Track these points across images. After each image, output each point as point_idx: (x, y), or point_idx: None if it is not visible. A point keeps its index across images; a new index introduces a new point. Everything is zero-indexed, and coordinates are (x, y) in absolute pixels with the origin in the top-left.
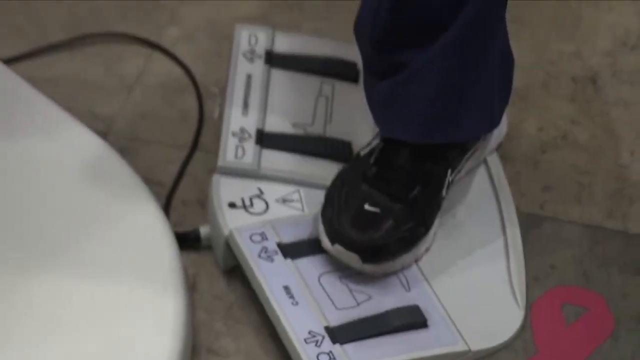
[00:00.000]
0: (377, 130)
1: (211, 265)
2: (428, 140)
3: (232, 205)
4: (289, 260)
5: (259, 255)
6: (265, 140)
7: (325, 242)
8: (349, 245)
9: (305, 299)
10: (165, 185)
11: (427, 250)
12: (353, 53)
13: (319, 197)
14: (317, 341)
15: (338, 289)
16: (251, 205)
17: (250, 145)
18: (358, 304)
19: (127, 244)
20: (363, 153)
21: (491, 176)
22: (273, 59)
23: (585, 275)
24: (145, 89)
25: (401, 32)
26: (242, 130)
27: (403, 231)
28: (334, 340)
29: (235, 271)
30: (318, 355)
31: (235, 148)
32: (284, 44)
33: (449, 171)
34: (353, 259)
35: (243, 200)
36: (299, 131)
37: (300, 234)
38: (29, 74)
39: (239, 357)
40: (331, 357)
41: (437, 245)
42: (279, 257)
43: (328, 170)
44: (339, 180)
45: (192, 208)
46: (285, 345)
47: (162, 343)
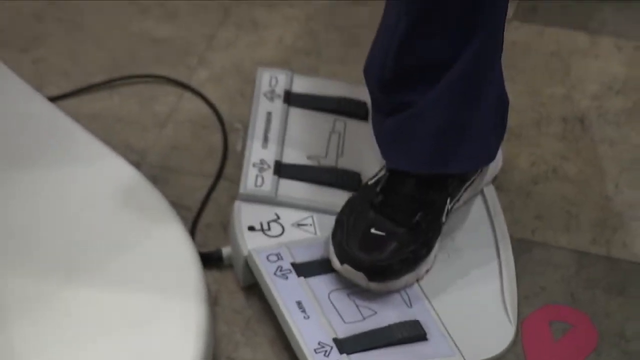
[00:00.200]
0: (384, 162)
1: (232, 282)
2: (430, 171)
3: (252, 228)
4: (301, 278)
5: (275, 274)
6: (283, 170)
7: (335, 262)
8: (357, 265)
9: (316, 313)
10: (192, 210)
11: (428, 271)
12: (363, 94)
13: (330, 222)
14: (326, 351)
15: (346, 304)
16: (269, 228)
17: (269, 175)
18: (364, 318)
19: (156, 262)
20: (370, 183)
21: (487, 205)
22: (291, 99)
23: (572, 296)
24: (176, 124)
25: (406, 75)
26: (262, 162)
27: (406, 253)
28: (342, 351)
29: (254, 288)
30: None
31: (255, 177)
32: (301, 85)
33: (449, 199)
34: (360, 278)
35: (261, 224)
36: (313, 163)
37: (313, 254)
38: (73, 111)
39: None
40: None
41: (437, 266)
42: (293, 276)
43: (339, 198)
44: (348, 207)
45: (216, 231)
46: (297, 355)
47: (187, 351)
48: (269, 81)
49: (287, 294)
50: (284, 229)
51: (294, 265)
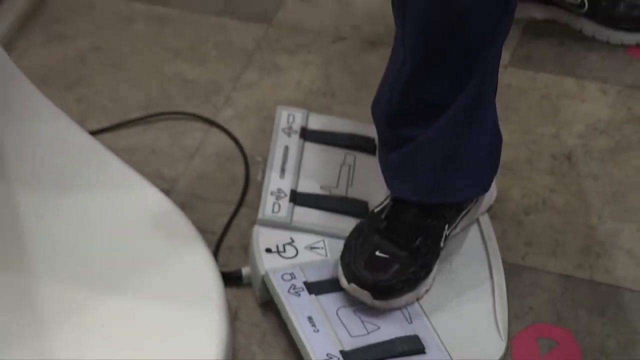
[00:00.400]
0: (388, 192)
1: (250, 299)
2: (429, 200)
3: (269, 250)
4: (312, 296)
5: (289, 291)
6: (298, 198)
7: (343, 282)
8: (362, 285)
9: (325, 327)
10: (216, 234)
11: (427, 290)
12: (371, 131)
13: (339, 246)
14: None
15: (352, 320)
16: (284, 250)
17: (285, 203)
18: (368, 333)
19: (183, 280)
20: (376, 210)
21: (482, 232)
22: (307, 134)
23: (557, 315)
24: (203, 157)
25: (409, 113)
26: (279, 190)
27: (407, 274)
28: None
29: (270, 304)
30: None
31: (272, 204)
32: (316, 123)
33: (447, 226)
34: (365, 296)
35: (277, 247)
36: (326, 192)
37: (323, 274)
38: (111, 143)
39: None
40: None
41: (436, 286)
42: (305, 293)
43: (348, 224)
44: (356, 232)
45: (237, 252)
46: None
47: None
48: (287, 119)
49: (299, 309)
50: (298, 251)
51: (306, 284)
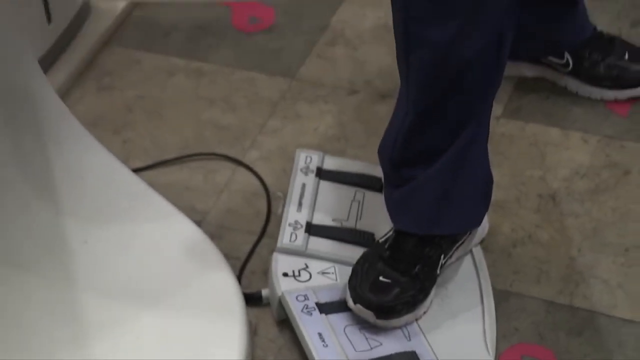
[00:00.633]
0: (392, 225)
1: (268, 317)
2: (428, 232)
3: (285, 274)
4: (323, 315)
5: (302, 311)
6: (312, 229)
7: (350, 302)
8: (367, 305)
9: (333, 343)
10: (240, 260)
11: (425, 312)
12: (379, 172)
13: (348, 271)
14: None
15: (357, 336)
16: (299, 275)
17: (301, 233)
18: (371, 348)
19: (210, 300)
20: (381, 241)
21: (475, 262)
22: (322, 174)
23: (540, 336)
24: (230, 193)
25: (410, 156)
26: (296, 222)
27: (407, 297)
28: None
29: (285, 322)
30: None
31: (290, 234)
32: (331, 164)
33: (442, 255)
34: (369, 315)
35: (293, 271)
36: (337, 224)
37: (333, 296)
38: (150, 180)
39: None
40: None
41: (432, 309)
42: (316, 313)
43: (356, 252)
44: (362, 259)
45: (258, 276)
46: None
47: None
48: (305, 160)
49: (311, 327)
50: (311, 275)
51: (317, 304)
